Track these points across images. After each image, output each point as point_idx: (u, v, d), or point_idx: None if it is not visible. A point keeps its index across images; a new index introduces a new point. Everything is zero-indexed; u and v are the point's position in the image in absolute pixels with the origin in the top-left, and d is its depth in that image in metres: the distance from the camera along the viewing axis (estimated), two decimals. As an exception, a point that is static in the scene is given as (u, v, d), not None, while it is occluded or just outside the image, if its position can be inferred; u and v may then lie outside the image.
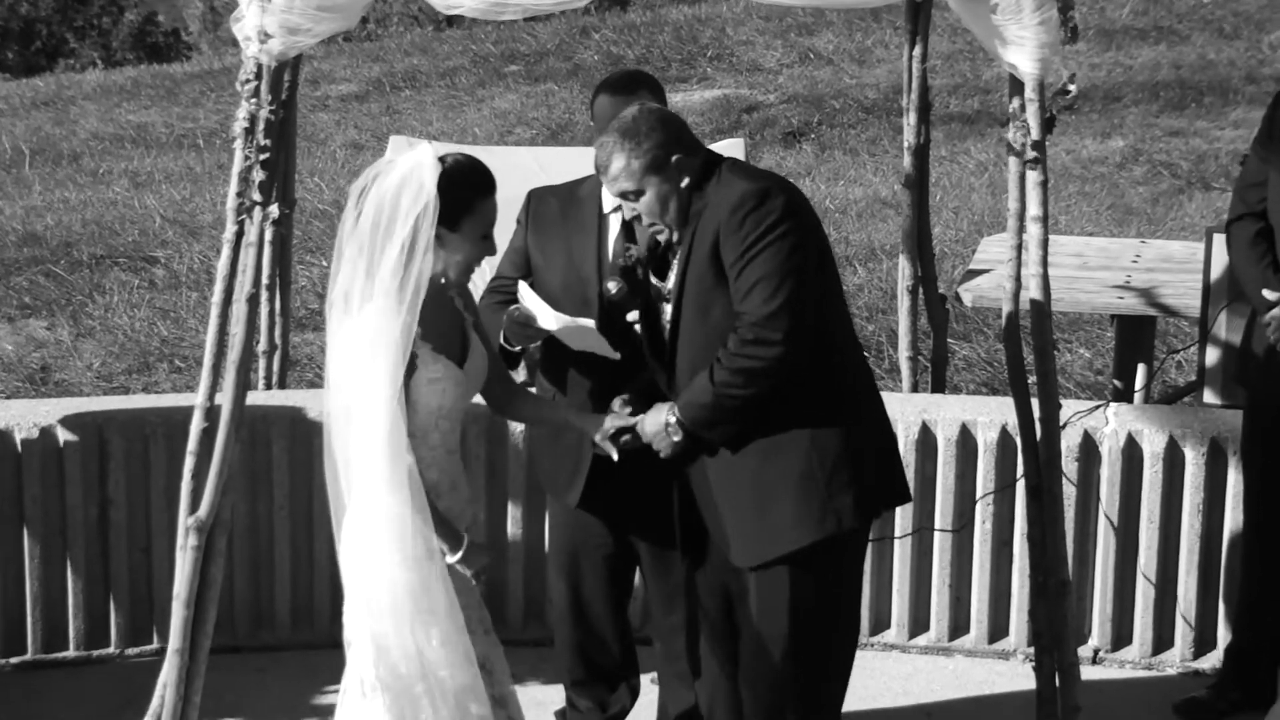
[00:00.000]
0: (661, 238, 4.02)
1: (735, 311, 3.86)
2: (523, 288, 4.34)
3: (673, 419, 3.96)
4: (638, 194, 3.95)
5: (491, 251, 3.91)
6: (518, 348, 4.41)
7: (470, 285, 4.05)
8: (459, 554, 3.83)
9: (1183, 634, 5.37)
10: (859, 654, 5.41)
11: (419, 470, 3.77)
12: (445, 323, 3.91)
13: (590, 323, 4.27)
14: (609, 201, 4.45)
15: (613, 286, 4.17)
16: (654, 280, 4.11)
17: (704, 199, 3.93)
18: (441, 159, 3.80)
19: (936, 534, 5.38)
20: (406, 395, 3.77)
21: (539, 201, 4.56)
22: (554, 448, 4.55)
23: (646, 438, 4.01)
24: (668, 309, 4.05)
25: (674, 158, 3.92)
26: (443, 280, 3.86)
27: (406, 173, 3.75)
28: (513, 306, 4.36)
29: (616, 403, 4.14)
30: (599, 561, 4.61)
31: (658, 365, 4.09)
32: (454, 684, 3.81)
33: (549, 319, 4.28)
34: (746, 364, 3.83)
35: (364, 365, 3.73)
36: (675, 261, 4.02)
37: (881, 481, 4.06)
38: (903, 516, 5.38)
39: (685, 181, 3.93)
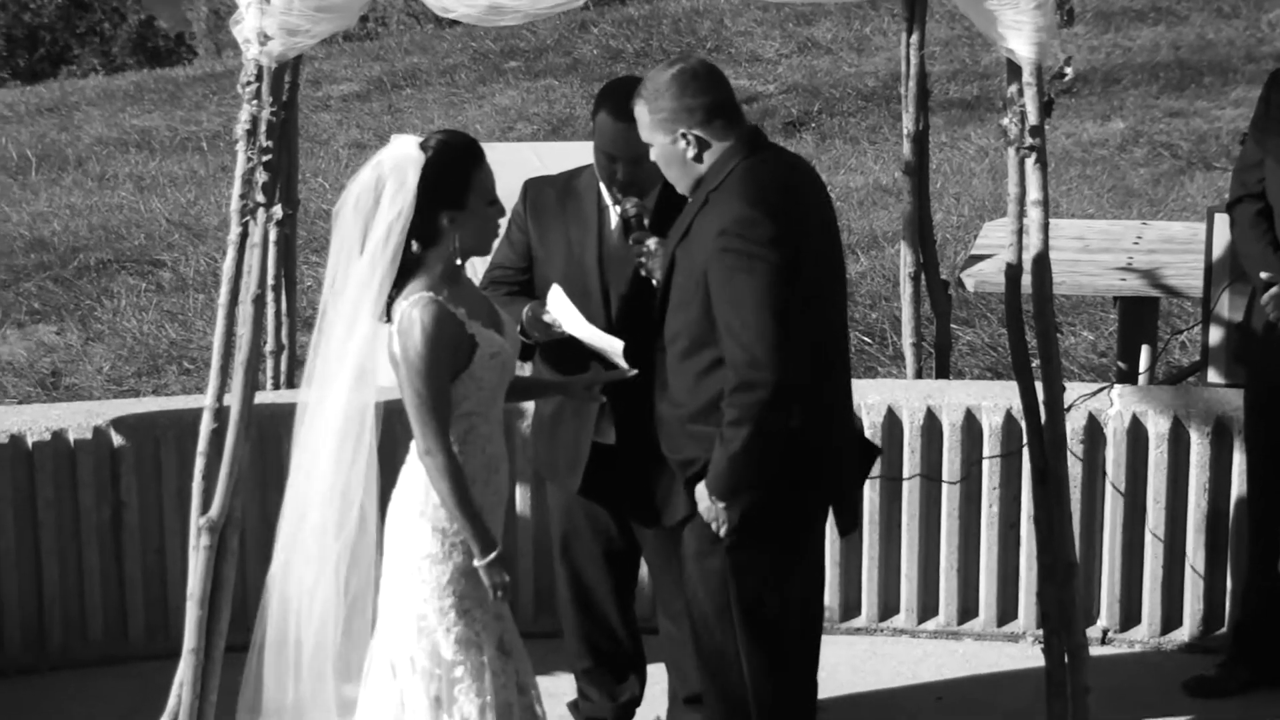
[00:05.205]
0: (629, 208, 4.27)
1: (723, 348, 3.86)
2: (555, 291, 4.35)
3: (706, 505, 3.96)
4: (649, 145, 4.03)
5: (502, 214, 3.96)
6: (533, 341, 4.42)
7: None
8: (487, 559, 3.83)
9: (1191, 613, 5.37)
10: (869, 639, 5.46)
11: (479, 446, 3.85)
12: (477, 299, 3.96)
13: (619, 343, 4.27)
14: (608, 193, 4.46)
15: (630, 206, 4.33)
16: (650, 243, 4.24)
17: (710, 190, 3.94)
18: (423, 146, 3.82)
19: (944, 517, 5.39)
20: (470, 375, 3.82)
21: (536, 192, 4.56)
22: (553, 436, 4.57)
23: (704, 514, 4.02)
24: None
25: (680, 130, 3.95)
26: (458, 261, 3.88)
27: (386, 172, 3.79)
28: (536, 304, 4.38)
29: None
30: (595, 546, 4.63)
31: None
32: (491, 669, 3.88)
33: (578, 327, 4.29)
34: (740, 411, 3.84)
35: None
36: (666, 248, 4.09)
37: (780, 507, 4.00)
38: (910, 498, 5.39)
39: (690, 154, 3.96)
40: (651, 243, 4.26)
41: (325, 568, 3.92)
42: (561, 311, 4.31)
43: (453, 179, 3.82)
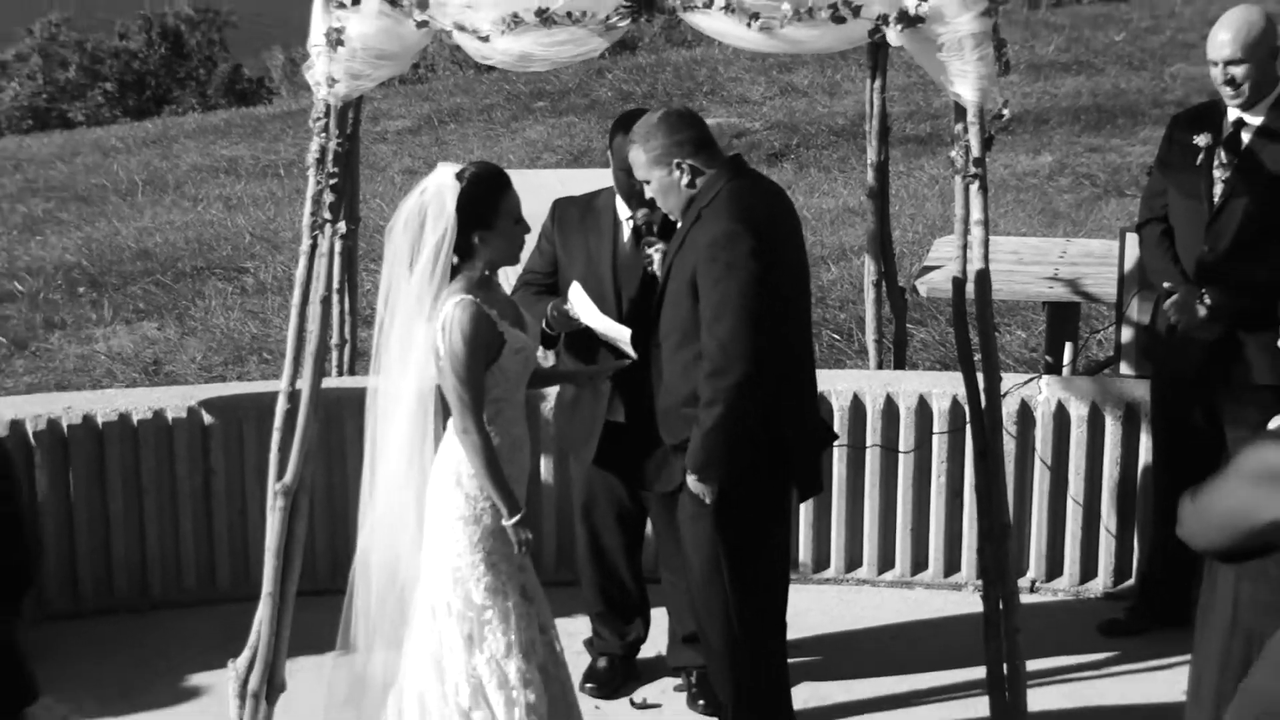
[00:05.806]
0: (641, 216, 4.28)
1: (702, 340, 3.86)
2: (576, 288, 4.35)
3: (691, 477, 3.94)
4: (646, 182, 4.02)
5: (527, 230, 3.93)
6: (556, 333, 4.42)
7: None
8: (514, 519, 3.82)
9: (1105, 567, 5.37)
10: (837, 588, 5.46)
11: (505, 427, 3.82)
12: (505, 302, 3.95)
13: (627, 331, 4.27)
14: (623, 211, 4.46)
15: (640, 215, 4.35)
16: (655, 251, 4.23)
17: (701, 207, 3.93)
18: (459, 175, 3.80)
19: (900, 486, 5.39)
20: (499, 367, 3.81)
21: (563, 210, 4.57)
22: (572, 414, 4.57)
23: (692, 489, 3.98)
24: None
25: (675, 160, 3.93)
26: (486, 273, 3.87)
27: (428, 199, 3.77)
28: (558, 301, 4.38)
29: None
30: (612, 511, 4.63)
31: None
32: (516, 612, 3.85)
33: (593, 318, 4.29)
34: (712, 394, 3.82)
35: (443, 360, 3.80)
36: (665, 261, 4.08)
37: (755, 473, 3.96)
38: (871, 470, 5.38)
39: (685, 181, 3.95)
40: (655, 252, 4.26)
41: (406, 527, 3.91)
42: (580, 305, 4.31)
43: (483, 204, 3.80)
